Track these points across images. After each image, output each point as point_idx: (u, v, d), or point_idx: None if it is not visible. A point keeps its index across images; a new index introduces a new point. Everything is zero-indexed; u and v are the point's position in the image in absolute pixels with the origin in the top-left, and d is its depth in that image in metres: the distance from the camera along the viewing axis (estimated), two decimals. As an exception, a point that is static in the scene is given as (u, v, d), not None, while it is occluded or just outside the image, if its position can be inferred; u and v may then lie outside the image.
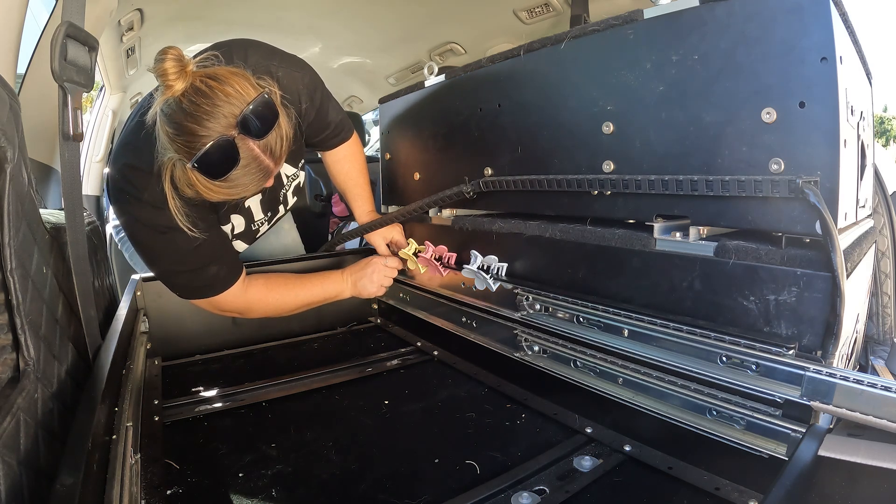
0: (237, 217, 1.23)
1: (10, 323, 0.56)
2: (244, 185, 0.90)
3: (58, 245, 0.79)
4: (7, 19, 0.87)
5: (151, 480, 0.76)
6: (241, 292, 1.17)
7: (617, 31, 0.89)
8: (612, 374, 0.91)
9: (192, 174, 0.85)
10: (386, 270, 1.36)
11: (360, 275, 1.34)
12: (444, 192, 1.23)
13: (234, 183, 0.88)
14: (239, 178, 0.87)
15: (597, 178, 0.93)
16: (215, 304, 1.16)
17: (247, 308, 1.20)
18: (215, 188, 0.88)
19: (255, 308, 1.22)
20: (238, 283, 1.16)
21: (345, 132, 1.38)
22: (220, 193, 0.89)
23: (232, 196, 0.92)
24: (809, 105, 0.69)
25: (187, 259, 1.07)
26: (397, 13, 2.36)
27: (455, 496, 0.74)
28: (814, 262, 0.69)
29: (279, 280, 1.26)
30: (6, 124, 0.58)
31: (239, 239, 1.29)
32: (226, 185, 0.88)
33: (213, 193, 0.89)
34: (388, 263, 1.37)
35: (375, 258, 1.37)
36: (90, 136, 2.78)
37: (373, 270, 1.34)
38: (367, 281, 1.34)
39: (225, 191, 0.89)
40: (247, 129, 0.84)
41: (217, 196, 0.90)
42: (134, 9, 2.06)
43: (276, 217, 1.39)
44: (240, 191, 0.91)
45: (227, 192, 0.90)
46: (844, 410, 0.62)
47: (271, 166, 0.91)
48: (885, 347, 1.47)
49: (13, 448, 0.50)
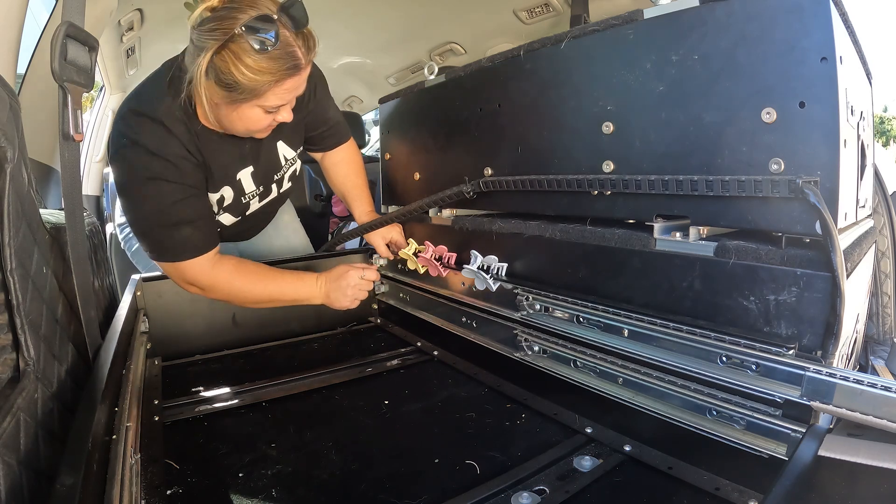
0: (227, 189, 1.21)
1: (10, 323, 0.56)
2: (276, 73, 0.94)
3: (58, 245, 0.79)
4: (7, 19, 0.87)
5: (151, 480, 0.76)
6: (209, 266, 1.14)
7: (617, 31, 0.89)
8: (612, 374, 0.91)
9: (236, 49, 0.90)
10: (362, 284, 1.27)
11: (335, 286, 1.26)
12: (444, 192, 1.23)
13: (269, 66, 0.92)
14: (275, 59, 0.92)
15: (597, 178, 0.93)
16: (181, 270, 1.12)
17: (210, 285, 1.15)
18: (253, 65, 0.91)
19: (219, 288, 1.16)
20: (209, 255, 1.13)
21: (342, 135, 1.41)
22: (255, 76, 0.93)
23: (258, 86, 0.94)
24: (809, 105, 0.69)
25: (167, 212, 1.06)
26: (397, 13, 2.36)
27: (455, 496, 0.74)
28: (814, 262, 0.69)
29: (251, 268, 1.20)
30: (6, 124, 0.57)
31: (228, 212, 1.26)
32: (264, 63, 0.92)
33: (248, 74, 0.92)
34: (366, 276, 1.28)
35: (353, 270, 1.27)
36: (90, 136, 2.77)
37: (347, 284, 1.25)
38: (340, 294, 1.26)
39: (258, 75, 0.93)
40: (286, 15, 0.92)
41: (249, 81, 0.93)
42: (134, 9, 2.06)
43: (267, 197, 1.33)
44: (269, 80, 0.94)
45: (260, 78, 0.93)
46: (844, 410, 0.62)
47: (302, 61, 0.96)
48: (885, 347, 1.47)
49: (13, 448, 0.50)
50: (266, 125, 1.07)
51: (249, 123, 1.04)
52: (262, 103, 1.00)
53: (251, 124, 1.05)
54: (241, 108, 1.00)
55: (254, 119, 1.03)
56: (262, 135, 1.13)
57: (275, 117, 1.05)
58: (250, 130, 1.09)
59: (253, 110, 1.01)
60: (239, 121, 1.04)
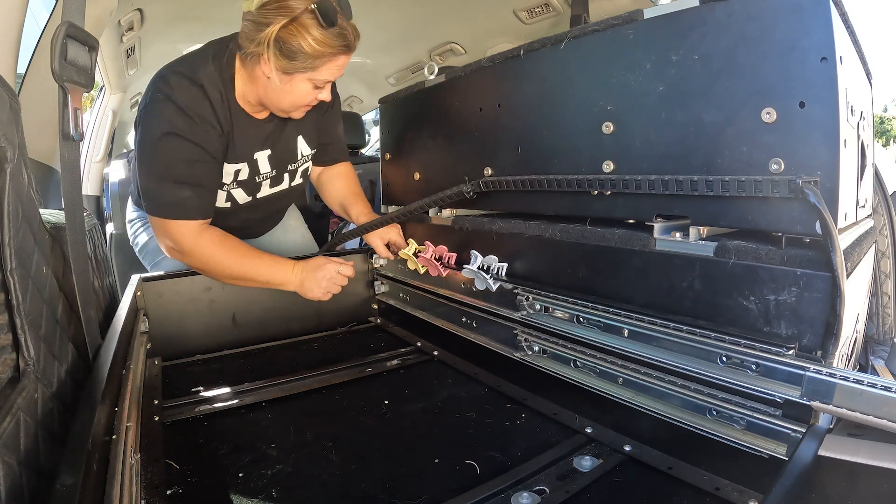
0: (244, 165, 1.27)
1: (10, 323, 0.56)
2: (333, 47, 1.06)
3: (58, 245, 0.79)
4: (7, 19, 0.87)
5: (151, 480, 0.76)
6: (195, 232, 1.18)
7: (617, 31, 0.89)
8: (612, 374, 0.91)
9: (304, 22, 1.02)
10: (337, 278, 1.29)
11: (311, 276, 1.27)
12: (444, 192, 1.23)
13: (330, 41, 1.05)
14: (335, 36, 1.05)
15: (597, 178, 0.93)
16: (168, 229, 1.17)
17: (191, 250, 1.19)
18: (319, 37, 1.04)
19: (198, 255, 1.20)
20: (199, 222, 1.19)
21: (343, 153, 1.53)
22: (319, 46, 1.04)
23: (318, 55, 1.06)
24: (809, 105, 0.69)
25: (175, 168, 1.13)
26: (397, 13, 2.36)
27: (455, 496, 0.74)
28: (814, 262, 0.69)
29: (234, 244, 1.23)
30: (6, 124, 0.57)
31: (241, 188, 1.31)
32: (326, 37, 1.04)
33: (314, 44, 1.04)
34: (342, 271, 1.30)
35: (330, 264, 1.29)
36: (90, 136, 2.77)
37: (323, 276, 1.27)
38: (314, 284, 1.27)
39: (321, 46, 1.05)
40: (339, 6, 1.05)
41: (313, 51, 1.04)
42: (134, 9, 2.06)
43: (279, 184, 1.39)
44: (328, 52, 1.06)
45: (322, 49, 1.05)
46: (844, 410, 0.62)
47: (352, 44, 1.10)
48: (885, 347, 1.47)
49: (13, 448, 0.50)
50: (308, 102, 1.17)
51: (296, 97, 1.14)
52: (315, 76, 1.10)
53: (297, 98, 1.14)
54: (294, 79, 1.10)
55: (301, 93, 1.13)
56: (298, 114, 1.22)
57: (316, 96, 1.16)
58: (295, 105, 1.17)
59: (304, 84, 1.11)
60: (287, 94, 1.13)
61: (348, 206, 1.49)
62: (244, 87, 1.16)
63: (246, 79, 1.15)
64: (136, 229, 1.53)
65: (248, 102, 1.19)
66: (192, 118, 1.11)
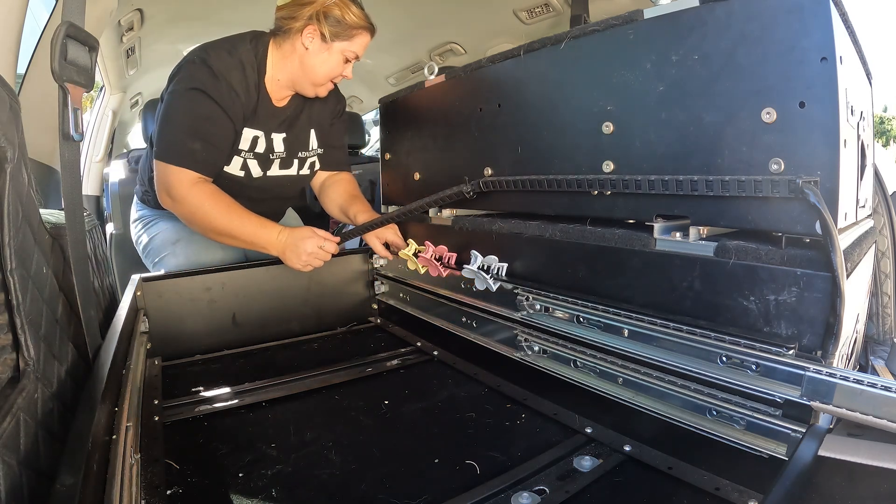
0: (261, 133, 1.36)
1: (10, 323, 0.56)
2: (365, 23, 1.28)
3: (58, 245, 0.79)
4: (7, 19, 0.88)
5: (151, 480, 0.76)
6: (191, 183, 1.23)
7: (617, 31, 0.89)
8: (612, 374, 0.91)
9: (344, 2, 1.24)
10: (319, 253, 1.28)
11: (293, 245, 1.27)
12: (444, 192, 1.23)
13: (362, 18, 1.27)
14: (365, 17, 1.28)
15: (597, 178, 0.93)
16: (167, 173, 1.22)
17: (183, 197, 1.22)
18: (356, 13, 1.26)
19: (188, 204, 1.23)
20: (198, 175, 1.24)
21: (346, 162, 1.60)
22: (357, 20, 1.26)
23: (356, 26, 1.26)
24: (809, 105, 0.69)
25: (191, 120, 1.22)
26: (397, 13, 2.36)
27: (455, 496, 0.74)
28: (814, 262, 0.69)
29: (225, 199, 1.26)
30: (6, 124, 0.57)
31: (255, 159, 1.38)
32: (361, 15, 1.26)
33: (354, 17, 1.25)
34: (325, 247, 1.29)
35: (315, 238, 1.28)
36: (90, 136, 2.77)
37: (304, 248, 1.27)
38: (294, 254, 1.27)
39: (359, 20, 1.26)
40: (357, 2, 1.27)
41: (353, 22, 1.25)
42: (134, 9, 2.06)
43: (288, 168, 1.46)
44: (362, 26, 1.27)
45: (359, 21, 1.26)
46: (844, 410, 0.62)
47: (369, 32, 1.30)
48: (885, 347, 1.47)
49: (13, 448, 0.50)
50: (337, 74, 1.32)
51: (329, 68, 1.29)
52: (348, 48, 1.27)
53: (330, 69, 1.30)
54: (332, 48, 1.26)
55: (334, 64, 1.29)
56: (323, 90, 1.36)
57: (343, 71, 1.32)
58: (326, 75, 1.31)
59: (337, 55, 1.28)
60: (324, 63, 1.28)
61: (347, 206, 1.50)
62: (276, 68, 1.30)
63: (279, 59, 1.29)
64: (139, 229, 1.56)
65: (275, 86, 1.32)
66: (221, 82, 1.21)
